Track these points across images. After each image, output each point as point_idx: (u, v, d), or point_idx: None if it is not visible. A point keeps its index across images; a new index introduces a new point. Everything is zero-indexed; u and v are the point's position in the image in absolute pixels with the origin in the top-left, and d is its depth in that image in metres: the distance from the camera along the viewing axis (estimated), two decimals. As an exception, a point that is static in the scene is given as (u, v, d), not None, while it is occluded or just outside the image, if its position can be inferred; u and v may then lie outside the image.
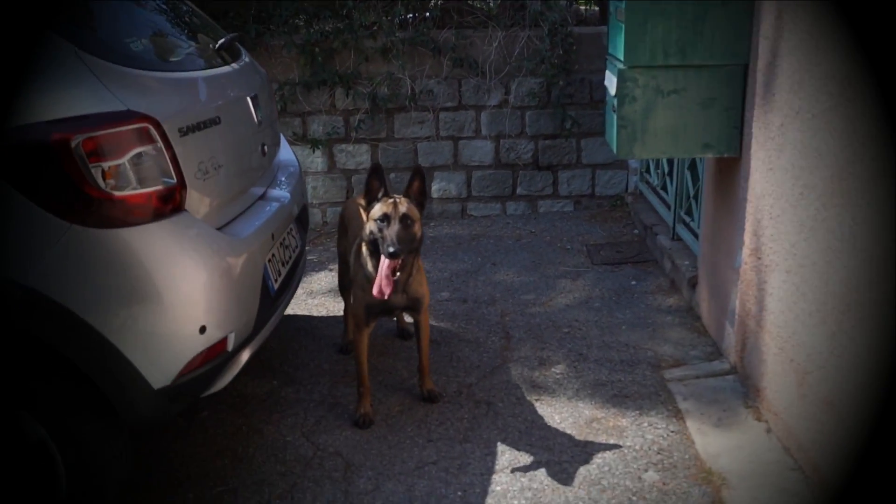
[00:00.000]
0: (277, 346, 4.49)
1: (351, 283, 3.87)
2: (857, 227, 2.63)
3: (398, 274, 3.43)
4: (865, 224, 2.58)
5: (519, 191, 6.88)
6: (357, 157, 6.79)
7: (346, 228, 4.13)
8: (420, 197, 3.52)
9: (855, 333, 2.66)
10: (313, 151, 6.71)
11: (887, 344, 2.44)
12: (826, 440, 2.88)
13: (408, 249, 3.42)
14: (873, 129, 2.50)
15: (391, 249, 3.30)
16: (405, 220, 3.39)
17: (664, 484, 3.16)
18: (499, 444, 3.50)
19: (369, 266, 3.53)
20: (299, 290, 4.94)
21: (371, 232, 3.43)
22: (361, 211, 3.58)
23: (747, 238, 3.62)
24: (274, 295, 3.40)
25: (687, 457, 3.32)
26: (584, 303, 4.95)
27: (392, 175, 6.69)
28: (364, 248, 3.56)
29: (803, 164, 3.03)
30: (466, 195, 6.89)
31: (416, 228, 3.46)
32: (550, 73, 6.44)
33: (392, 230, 3.35)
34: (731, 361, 3.93)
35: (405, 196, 3.49)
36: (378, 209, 3.42)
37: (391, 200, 3.42)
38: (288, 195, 3.77)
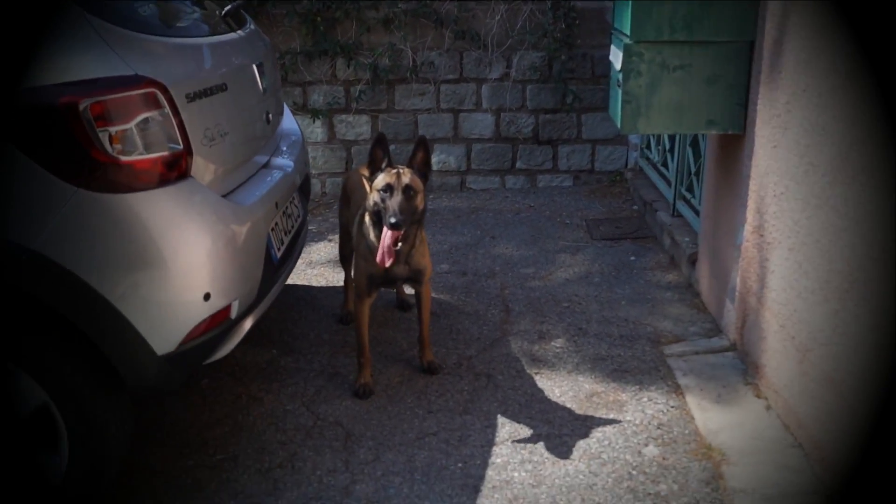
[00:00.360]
0: (277, 315, 4.49)
1: (352, 254, 3.87)
2: (862, 205, 2.63)
3: (400, 245, 3.43)
4: (870, 203, 2.58)
5: (518, 164, 6.86)
6: (357, 127, 6.77)
7: (349, 199, 4.11)
8: (424, 168, 3.51)
9: (858, 311, 2.67)
10: (314, 121, 6.68)
11: (890, 323, 2.45)
12: (827, 418, 2.89)
13: (410, 220, 3.41)
14: (881, 109, 2.50)
15: (393, 220, 3.30)
16: (408, 190, 3.38)
17: (664, 459, 3.17)
18: (499, 416, 3.51)
19: (372, 236, 3.53)
20: (299, 261, 4.93)
21: (374, 202, 3.42)
22: (364, 181, 3.57)
23: (750, 215, 3.62)
24: (277, 263, 3.39)
25: (687, 432, 3.34)
26: (583, 277, 4.95)
27: (392, 147, 6.58)
28: (367, 219, 3.55)
29: (808, 142, 3.02)
30: (466, 168, 6.87)
31: (419, 199, 3.45)
32: (552, 47, 6.40)
33: (395, 201, 3.34)
34: (731, 338, 3.95)
35: (409, 167, 3.48)
36: (381, 179, 3.41)
37: (395, 171, 3.41)
38: (291, 164, 3.76)
